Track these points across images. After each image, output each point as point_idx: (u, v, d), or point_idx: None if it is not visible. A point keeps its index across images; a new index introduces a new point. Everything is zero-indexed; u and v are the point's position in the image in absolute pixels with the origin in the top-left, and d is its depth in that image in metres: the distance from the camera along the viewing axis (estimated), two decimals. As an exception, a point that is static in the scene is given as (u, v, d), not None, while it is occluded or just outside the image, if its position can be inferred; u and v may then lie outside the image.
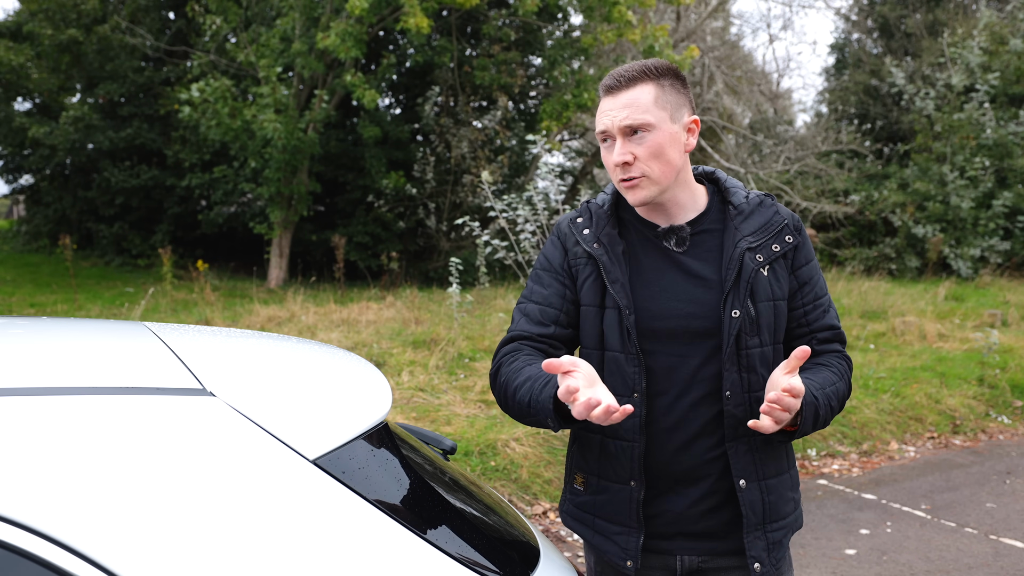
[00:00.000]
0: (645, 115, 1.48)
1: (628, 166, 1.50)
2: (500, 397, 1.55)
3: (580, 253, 1.59)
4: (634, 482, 1.53)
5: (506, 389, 1.51)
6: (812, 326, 1.60)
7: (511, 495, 4.26)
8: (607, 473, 1.57)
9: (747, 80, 20.40)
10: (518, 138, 15.46)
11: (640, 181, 1.51)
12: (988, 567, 3.71)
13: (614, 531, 1.57)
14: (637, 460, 1.53)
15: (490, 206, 7.82)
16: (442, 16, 14.09)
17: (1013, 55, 15.91)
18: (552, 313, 1.59)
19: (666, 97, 1.50)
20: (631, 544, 1.54)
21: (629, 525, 1.55)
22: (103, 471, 1.06)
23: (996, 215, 14.87)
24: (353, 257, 14.20)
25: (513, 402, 1.49)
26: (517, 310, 1.64)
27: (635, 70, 1.50)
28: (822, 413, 1.47)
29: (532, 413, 1.44)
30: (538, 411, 1.42)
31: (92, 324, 1.79)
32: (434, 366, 6.24)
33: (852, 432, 5.66)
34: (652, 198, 1.52)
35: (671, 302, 1.53)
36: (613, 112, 1.50)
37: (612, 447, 1.55)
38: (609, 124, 1.51)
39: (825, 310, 1.61)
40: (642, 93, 1.49)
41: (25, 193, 19.47)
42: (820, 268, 1.64)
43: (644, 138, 1.49)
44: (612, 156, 1.52)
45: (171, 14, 17.42)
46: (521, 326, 1.60)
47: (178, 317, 8.97)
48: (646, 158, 1.49)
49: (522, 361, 1.52)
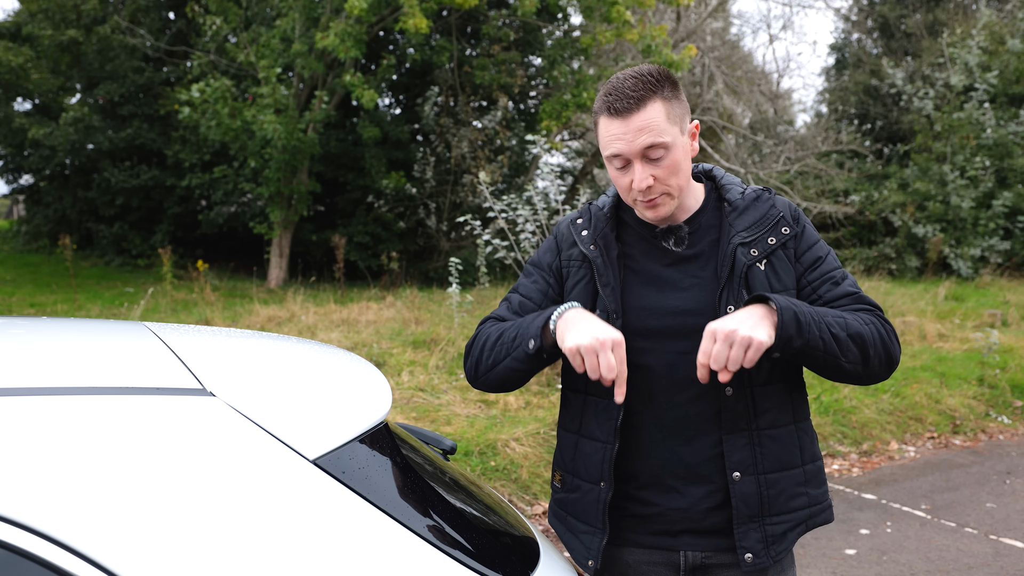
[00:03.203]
0: (662, 136, 1.45)
1: (650, 188, 1.49)
2: (475, 354, 1.60)
3: (576, 255, 1.61)
4: (603, 483, 1.55)
5: (483, 341, 1.59)
6: (824, 298, 1.54)
7: (511, 495, 4.26)
8: (580, 472, 1.60)
9: (747, 80, 20.40)
10: (518, 138, 15.46)
11: (661, 199, 1.51)
12: (988, 567, 3.72)
13: (581, 530, 1.59)
14: (608, 462, 1.54)
15: (489, 206, 7.82)
16: (442, 16, 14.09)
17: (1012, 55, 15.92)
18: (530, 307, 1.63)
19: (673, 111, 1.48)
20: (594, 544, 1.56)
21: (594, 525, 1.57)
22: (103, 471, 1.06)
23: (996, 215, 14.87)
24: (353, 257, 14.20)
25: (488, 346, 1.57)
26: (504, 299, 1.70)
27: (640, 88, 1.45)
28: (804, 321, 1.40)
29: (515, 343, 1.52)
30: (524, 335, 1.50)
31: (92, 324, 1.79)
32: (434, 366, 6.24)
33: (852, 432, 5.66)
34: (671, 212, 1.54)
35: (668, 300, 1.54)
36: (628, 136, 1.46)
37: (587, 447, 1.58)
38: (625, 149, 1.46)
39: (837, 282, 1.55)
40: (655, 113, 1.45)
41: (25, 193, 19.48)
42: (830, 249, 1.60)
43: (663, 159, 1.47)
44: (628, 179, 1.50)
45: (171, 14, 17.43)
46: (500, 311, 1.67)
47: (178, 317, 8.97)
48: (665, 177, 1.48)
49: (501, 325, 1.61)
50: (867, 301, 1.55)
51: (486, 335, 1.59)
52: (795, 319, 1.39)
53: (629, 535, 1.59)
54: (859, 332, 1.46)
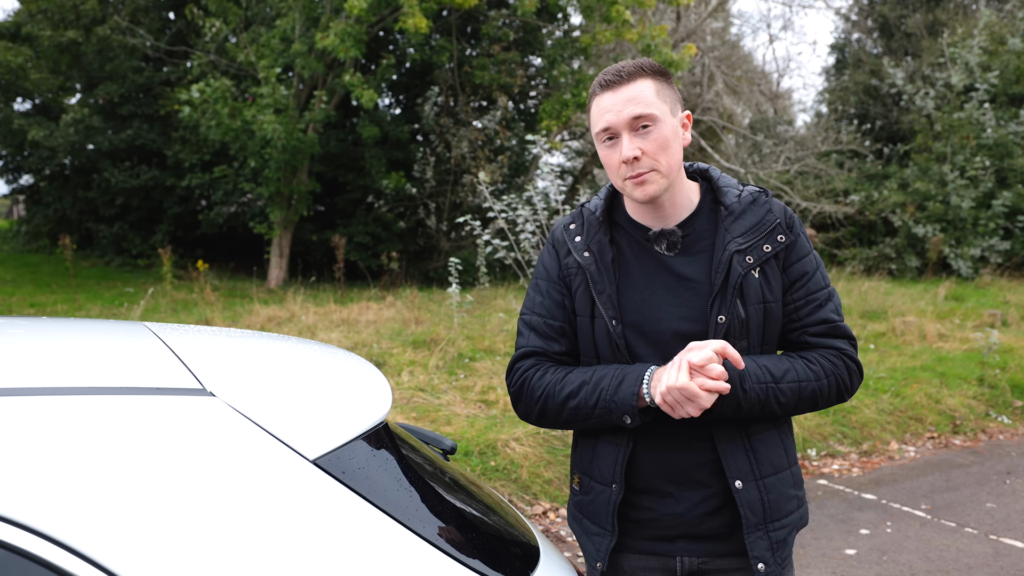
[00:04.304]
0: (651, 108, 1.47)
1: (637, 161, 1.48)
2: (537, 408, 1.56)
3: (571, 263, 1.60)
4: (615, 485, 1.55)
5: (548, 398, 1.54)
6: (803, 321, 1.56)
7: (511, 495, 4.26)
8: (595, 474, 1.59)
9: (747, 80, 20.40)
10: (518, 138, 15.46)
11: (650, 175, 1.49)
12: (988, 567, 3.71)
13: (593, 531, 1.59)
14: (620, 463, 1.54)
15: (489, 206, 7.82)
16: (441, 16, 14.09)
17: (1013, 55, 15.92)
18: (557, 326, 1.60)
19: (663, 91, 1.50)
20: (603, 546, 1.57)
21: (604, 527, 1.57)
22: (103, 471, 1.06)
23: (996, 215, 14.87)
24: (353, 257, 14.20)
25: (564, 408, 1.53)
26: (522, 322, 1.64)
27: (631, 66, 1.50)
28: (746, 407, 1.47)
29: (599, 415, 1.49)
30: (612, 409, 1.47)
31: (92, 324, 1.79)
32: (434, 366, 6.24)
33: (852, 432, 5.66)
34: (660, 192, 1.51)
35: (661, 306, 1.53)
36: (617, 106, 1.47)
37: (601, 449, 1.58)
38: (614, 119, 1.48)
39: (820, 304, 1.56)
40: (644, 87, 1.48)
41: (25, 193, 19.47)
42: (820, 262, 1.61)
43: (651, 131, 1.48)
44: (617, 153, 1.49)
45: (171, 14, 17.42)
46: (532, 342, 1.61)
47: (178, 317, 8.97)
48: (654, 151, 1.48)
49: (561, 372, 1.56)
50: (842, 334, 1.57)
51: (545, 390, 1.55)
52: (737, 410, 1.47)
53: (626, 540, 1.59)
54: (816, 393, 1.53)
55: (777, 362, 1.52)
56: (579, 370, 1.54)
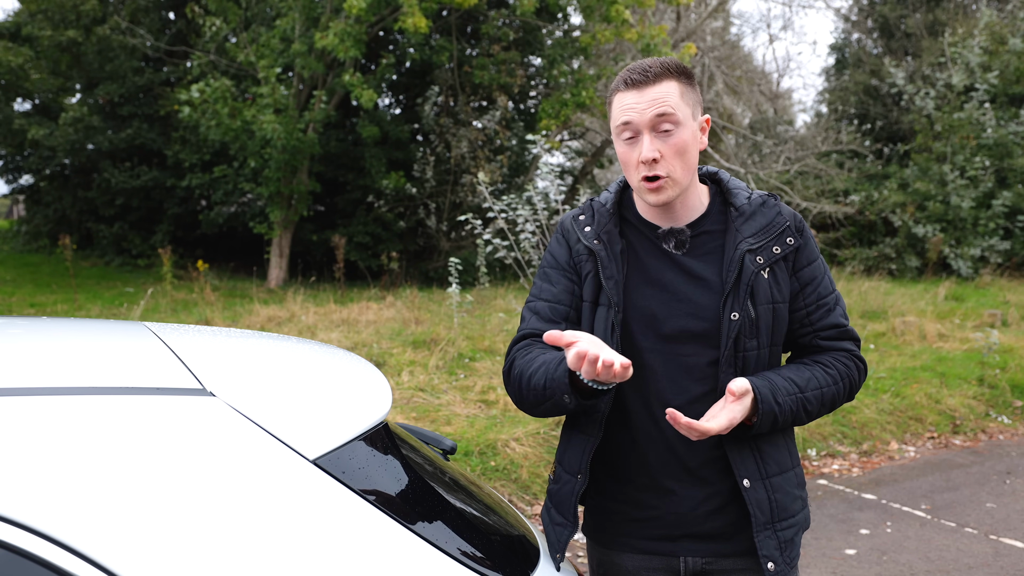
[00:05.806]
0: (675, 111, 1.46)
1: (655, 163, 1.47)
2: (515, 390, 1.54)
3: (582, 250, 1.59)
4: (580, 475, 1.55)
5: (520, 379, 1.51)
6: (815, 326, 1.58)
7: (511, 495, 4.26)
8: (566, 464, 1.60)
9: (747, 80, 20.41)
10: (518, 138, 15.45)
11: (664, 182, 1.49)
12: (988, 567, 3.72)
13: (557, 521, 1.59)
14: (587, 454, 1.54)
15: (489, 206, 7.82)
16: (441, 16, 14.09)
17: (1013, 55, 15.91)
18: (562, 310, 1.58)
19: (688, 94, 1.50)
20: (563, 538, 1.56)
21: (567, 518, 1.56)
22: (103, 471, 1.06)
23: (996, 215, 14.87)
24: (353, 257, 14.20)
25: (528, 389, 1.49)
26: (527, 308, 1.63)
27: (659, 66, 1.48)
28: (782, 420, 1.49)
29: (548, 395, 1.45)
30: (554, 388, 1.43)
31: (92, 324, 1.79)
32: (434, 366, 6.24)
33: (852, 432, 5.66)
34: (673, 199, 1.51)
35: (671, 303, 1.53)
36: (641, 105, 1.46)
37: (575, 439, 1.58)
38: (637, 118, 1.47)
39: (830, 309, 1.58)
40: (670, 88, 1.47)
41: (25, 193, 19.47)
42: (826, 267, 1.62)
43: (672, 134, 1.47)
44: (635, 152, 1.49)
45: (171, 14, 17.42)
46: (531, 324, 1.60)
47: (178, 317, 8.97)
48: (671, 156, 1.47)
49: (536, 352, 1.53)
50: (850, 336, 1.61)
51: (520, 369, 1.52)
52: (773, 424, 1.50)
53: (628, 540, 1.58)
54: (836, 397, 1.57)
55: (798, 372, 1.54)
56: (549, 352, 1.51)
